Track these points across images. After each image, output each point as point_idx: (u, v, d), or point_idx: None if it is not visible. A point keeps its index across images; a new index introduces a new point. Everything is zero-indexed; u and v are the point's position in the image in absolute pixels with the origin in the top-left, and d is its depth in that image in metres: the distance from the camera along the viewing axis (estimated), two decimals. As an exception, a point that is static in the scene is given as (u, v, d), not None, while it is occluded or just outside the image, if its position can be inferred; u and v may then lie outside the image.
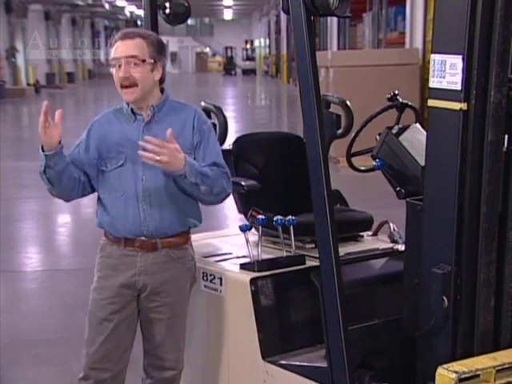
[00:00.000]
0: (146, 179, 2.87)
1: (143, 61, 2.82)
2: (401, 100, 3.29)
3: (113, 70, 2.86)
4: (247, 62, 51.09)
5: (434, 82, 2.44)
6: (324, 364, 2.69)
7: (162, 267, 2.94)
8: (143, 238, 2.91)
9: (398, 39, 14.22)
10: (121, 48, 2.83)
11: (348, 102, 3.48)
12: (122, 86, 2.83)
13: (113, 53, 2.85)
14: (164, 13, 3.42)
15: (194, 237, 3.52)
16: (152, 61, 2.85)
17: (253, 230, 3.20)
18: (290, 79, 32.78)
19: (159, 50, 2.89)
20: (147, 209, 2.88)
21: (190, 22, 48.15)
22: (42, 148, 2.78)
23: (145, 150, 2.71)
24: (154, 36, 2.93)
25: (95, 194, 3.02)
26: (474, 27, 2.33)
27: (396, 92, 3.30)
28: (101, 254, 3.00)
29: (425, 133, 2.78)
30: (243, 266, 3.10)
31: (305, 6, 2.49)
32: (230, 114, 18.26)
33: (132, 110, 2.92)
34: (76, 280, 5.73)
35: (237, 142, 3.57)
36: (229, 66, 49.58)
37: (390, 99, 3.30)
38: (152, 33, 3.00)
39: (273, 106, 25.46)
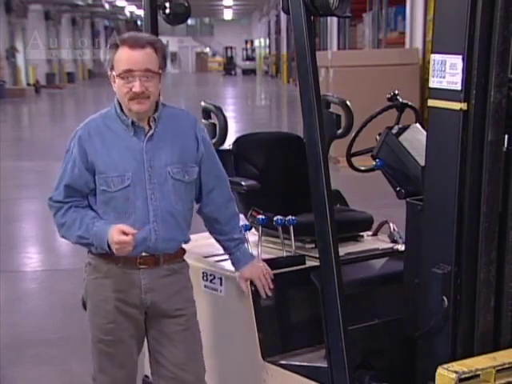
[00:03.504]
0: (155, 198, 2.69)
1: (156, 73, 2.64)
2: (401, 100, 3.30)
3: (116, 80, 2.63)
4: (247, 62, 51.07)
5: (434, 82, 2.44)
6: (324, 364, 2.69)
7: (166, 281, 2.78)
8: (144, 253, 2.73)
9: (398, 39, 14.22)
10: (134, 59, 2.59)
11: (348, 102, 3.48)
12: (131, 98, 2.63)
13: (121, 62, 2.61)
14: (164, 13, 3.41)
15: (193, 237, 3.52)
16: (160, 71, 2.67)
17: (253, 229, 3.20)
18: (290, 79, 32.77)
19: (164, 57, 2.72)
20: (158, 229, 2.70)
21: (190, 21, 48.15)
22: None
23: None
24: (160, 42, 2.73)
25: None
26: (474, 27, 2.33)
27: (396, 92, 3.30)
28: (94, 276, 2.76)
29: (425, 133, 2.78)
30: (243, 266, 3.09)
31: (305, 5, 2.49)
32: (230, 114, 18.26)
33: (133, 121, 2.69)
34: (76, 280, 5.69)
35: (237, 141, 3.57)
36: (229, 66, 49.56)
37: (389, 99, 3.30)
38: (157, 38, 2.82)
39: (273, 105, 25.46)
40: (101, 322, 2.76)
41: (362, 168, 3.45)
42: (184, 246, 2.89)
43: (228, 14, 52.59)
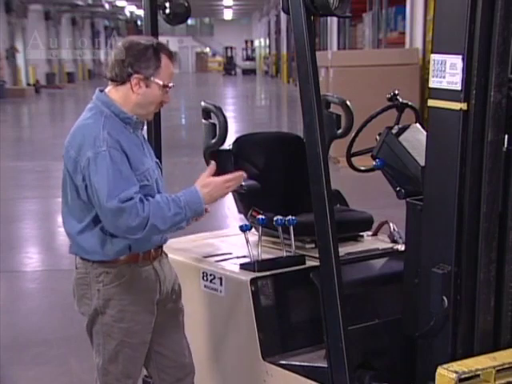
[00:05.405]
0: (162, 186, 2.76)
1: None
2: (401, 100, 3.30)
3: (152, 87, 2.63)
4: (247, 62, 51.04)
5: (433, 82, 2.45)
6: (324, 364, 2.69)
7: (168, 267, 2.88)
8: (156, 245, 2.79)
9: (398, 39, 14.23)
10: (173, 72, 2.71)
11: (348, 102, 3.48)
12: (157, 106, 2.71)
13: (170, 74, 2.66)
14: (164, 13, 3.41)
15: (193, 237, 3.52)
16: None
17: (253, 230, 3.20)
18: (290, 79, 32.78)
19: None
20: None
21: (190, 21, 48.17)
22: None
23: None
24: None
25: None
26: (474, 27, 2.33)
27: (396, 92, 3.30)
28: (117, 282, 2.70)
29: (425, 133, 2.78)
30: (243, 266, 3.10)
31: (305, 6, 2.49)
32: (230, 113, 18.26)
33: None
34: (76, 280, 5.73)
35: (237, 141, 3.57)
36: (229, 66, 49.54)
37: (390, 99, 3.30)
38: None
39: (273, 105, 25.46)
40: (128, 325, 2.73)
41: (362, 168, 3.45)
42: (183, 245, 2.90)
43: (228, 14, 52.60)
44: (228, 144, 3.51)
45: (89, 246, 2.68)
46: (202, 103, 3.48)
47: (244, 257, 3.19)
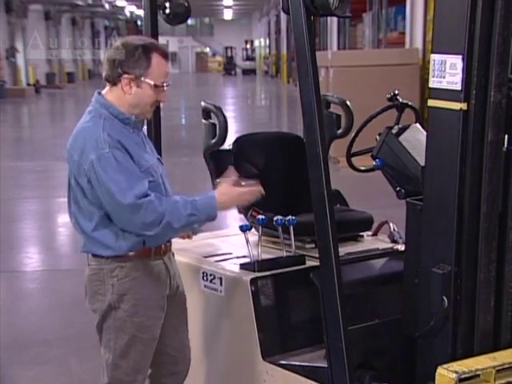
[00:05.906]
0: (167, 182, 2.80)
1: None
2: (401, 100, 3.30)
3: (143, 87, 2.65)
4: (247, 62, 51.05)
5: (433, 82, 2.45)
6: (324, 364, 2.69)
7: (175, 263, 2.93)
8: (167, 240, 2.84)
9: (398, 39, 14.23)
10: (167, 71, 2.69)
11: (348, 102, 3.48)
12: (152, 106, 2.72)
13: (162, 73, 2.67)
14: (164, 13, 3.41)
15: (194, 237, 3.51)
16: None
17: (253, 230, 3.20)
18: (290, 79, 32.78)
19: None
20: None
21: (189, 21, 48.16)
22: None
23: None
24: None
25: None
26: (474, 27, 2.33)
27: (396, 92, 3.30)
28: (132, 277, 2.73)
29: (425, 133, 2.78)
30: (243, 266, 3.10)
31: (305, 6, 2.49)
32: (230, 113, 18.26)
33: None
34: (76, 280, 5.71)
35: (237, 141, 3.57)
36: (229, 66, 49.53)
37: (390, 99, 3.30)
38: None
39: (273, 105, 25.46)
40: (140, 319, 2.76)
41: (362, 168, 3.45)
42: (183, 245, 2.89)
43: (228, 14, 52.60)
44: (228, 144, 3.51)
45: (103, 242, 2.71)
46: (202, 103, 3.48)
47: (244, 257, 3.19)
